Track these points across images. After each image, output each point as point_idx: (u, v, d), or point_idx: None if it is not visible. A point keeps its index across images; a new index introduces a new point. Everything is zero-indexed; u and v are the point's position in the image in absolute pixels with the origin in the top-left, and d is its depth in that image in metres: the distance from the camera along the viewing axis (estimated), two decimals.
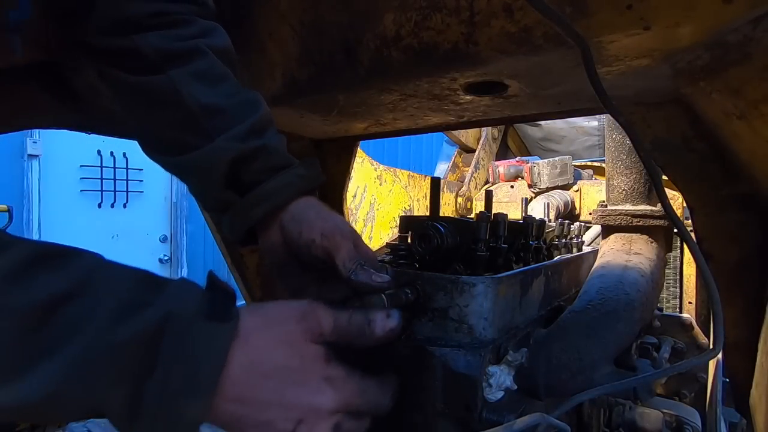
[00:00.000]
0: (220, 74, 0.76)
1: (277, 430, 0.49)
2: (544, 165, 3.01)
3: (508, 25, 0.71)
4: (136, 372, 0.42)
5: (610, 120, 1.51)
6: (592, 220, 1.55)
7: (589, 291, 1.08)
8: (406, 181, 2.94)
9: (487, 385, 0.68)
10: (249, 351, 0.47)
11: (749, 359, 0.96)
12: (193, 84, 0.72)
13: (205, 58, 0.75)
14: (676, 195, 1.87)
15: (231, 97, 0.74)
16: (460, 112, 1.17)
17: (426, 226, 0.80)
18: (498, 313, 0.76)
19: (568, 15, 0.65)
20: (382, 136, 1.43)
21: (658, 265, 1.33)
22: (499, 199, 3.07)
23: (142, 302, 0.43)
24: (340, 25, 0.87)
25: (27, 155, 4.48)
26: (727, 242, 1.02)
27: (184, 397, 0.43)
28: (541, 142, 4.12)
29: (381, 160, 2.82)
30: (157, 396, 0.42)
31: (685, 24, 0.65)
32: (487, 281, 0.73)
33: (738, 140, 0.87)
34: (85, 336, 0.40)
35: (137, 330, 0.41)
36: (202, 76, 0.74)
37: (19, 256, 0.40)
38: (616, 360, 0.93)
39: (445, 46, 0.78)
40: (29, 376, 0.38)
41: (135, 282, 0.45)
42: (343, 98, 1.04)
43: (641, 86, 0.90)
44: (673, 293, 2.38)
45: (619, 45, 0.72)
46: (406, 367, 0.72)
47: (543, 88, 0.94)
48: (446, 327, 0.73)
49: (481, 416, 0.67)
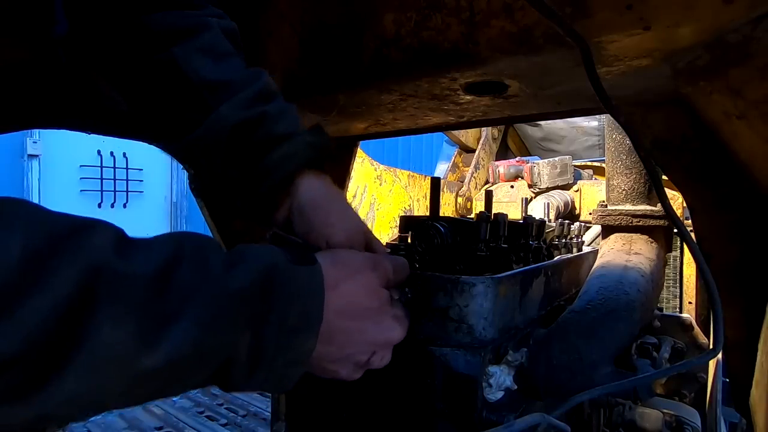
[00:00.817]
0: (226, 50, 0.74)
1: (354, 361, 0.57)
2: (544, 165, 3.01)
3: (508, 25, 0.71)
4: (255, 317, 0.45)
5: (610, 120, 1.51)
6: (592, 220, 1.55)
7: (589, 291, 1.08)
8: (406, 181, 2.94)
9: (487, 385, 0.68)
10: (339, 296, 0.53)
11: (749, 359, 0.96)
12: (196, 58, 0.70)
13: (212, 32, 0.73)
14: (676, 195, 1.87)
15: (236, 71, 0.72)
16: (460, 112, 1.17)
17: (426, 226, 0.80)
18: (498, 313, 0.76)
19: (568, 15, 0.65)
20: (382, 136, 1.43)
21: (658, 265, 1.33)
22: (499, 199, 3.07)
23: (239, 259, 0.46)
24: (340, 25, 0.87)
25: (27, 155, 4.49)
26: (727, 242, 1.02)
27: (298, 333, 0.48)
28: (541, 142, 4.12)
29: (381, 160, 2.82)
30: (275, 336, 0.46)
31: (685, 24, 0.65)
32: (487, 281, 0.73)
33: (738, 140, 0.87)
34: (205, 292, 0.42)
35: (252, 279, 0.45)
36: (207, 50, 0.72)
37: (114, 233, 0.42)
38: (616, 360, 0.93)
39: (445, 46, 0.78)
40: (170, 334, 0.40)
41: (219, 246, 0.47)
42: (343, 98, 1.04)
43: (641, 86, 0.90)
44: (673, 293, 2.38)
45: (619, 45, 0.72)
46: (406, 367, 0.72)
47: (543, 88, 0.94)
48: (446, 327, 0.73)
49: (481, 416, 0.68)
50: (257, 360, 0.46)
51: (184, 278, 0.42)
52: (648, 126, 1.03)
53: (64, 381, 0.36)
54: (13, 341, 0.33)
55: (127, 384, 0.39)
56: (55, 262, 0.36)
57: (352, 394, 0.79)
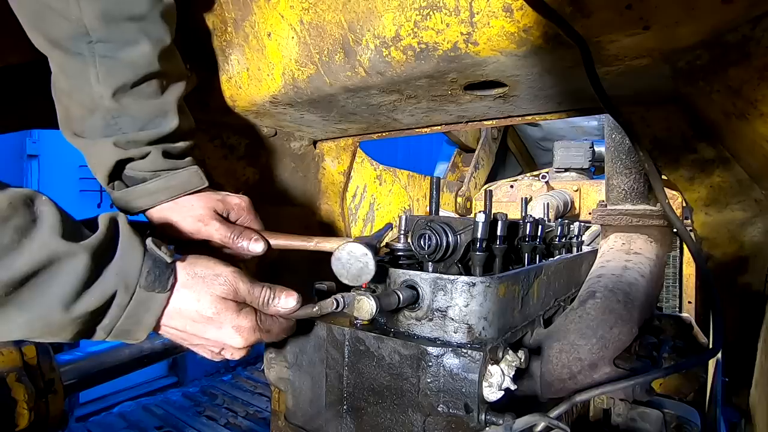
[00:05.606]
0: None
1: (208, 351, 0.76)
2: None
3: (508, 25, 0.70)
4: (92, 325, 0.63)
5: (610, 120, 1.51)
6: (591, 220, 1.55)
7: (588, 290, 1.08)
8: (406, 181, 2.94)
9: (487, 385, 0.68)
10: (177, 300, 0.68)
11: (749, 359, 0.96)
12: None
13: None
14: (676, 195, 1.87)
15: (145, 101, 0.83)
16: (460, 112, 1.17)
17: (426, 226, 0.80)
18: (498, 313, 0.76)
19: (568, 15, 0.65)
20: (382, 136, 1.43)
21: (658, 264, 1.33)
22: (498, 198, 3.07)
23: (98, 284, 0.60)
24: (340, 25, 0.87)
25: (27, 155, 4.49)
26: (727, 242, 1.02)
27: (128, 335, 0.66)
28: (541, 142, 4.12)
29: (381, 160, 2.82)
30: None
31: (684, 24, 0.65)
32: (487, 281, 0.73)
33: (738, 140, 0.87)
34: (47, 306, 0.56)
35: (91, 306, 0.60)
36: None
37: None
38: (616, 360, 0.93)
39: (445, 46, 0.78)
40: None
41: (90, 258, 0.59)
42: (343, 98, 1.04)
43: (641, 86, 0.90)
44: (673, 293, 2.38)
45: (619, 45, 0.72)
46: (406, 367, 0.72)
47: (543, 88, 0.94)
48: (446, 327, 0.73)
49: (480, 416, 0.67)
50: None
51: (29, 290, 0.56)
52: (648, 126, 1.03)
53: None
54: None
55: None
56: None
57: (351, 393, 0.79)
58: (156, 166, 0.84)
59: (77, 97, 0.79)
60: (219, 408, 4.36)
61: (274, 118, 1.21)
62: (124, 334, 0.65)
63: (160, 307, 0.66)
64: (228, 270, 0.72)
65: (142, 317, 0.65)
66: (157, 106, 0.84)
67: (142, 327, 0.66)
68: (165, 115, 0.85)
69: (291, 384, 0.88)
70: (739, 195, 0.99)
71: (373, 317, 0.71)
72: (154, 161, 0.84)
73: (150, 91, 0.82)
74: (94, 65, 0.77)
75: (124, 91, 0.79)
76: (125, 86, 0.79)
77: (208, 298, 0.69)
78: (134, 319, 0.65)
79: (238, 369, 5.37)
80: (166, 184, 0.85)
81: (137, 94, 0.81)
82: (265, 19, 0.98)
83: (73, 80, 0.78)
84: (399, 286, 0.76)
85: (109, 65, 0.78)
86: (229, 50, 1.05)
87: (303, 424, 0.86)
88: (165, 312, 0.67)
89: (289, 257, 1.42)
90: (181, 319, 0.69)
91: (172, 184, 0.85)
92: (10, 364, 1.91)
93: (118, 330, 0.64)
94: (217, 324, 0.70)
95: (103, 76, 0.77)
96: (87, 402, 4.22)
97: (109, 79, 0.78)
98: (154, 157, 0.84)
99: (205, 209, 0.87)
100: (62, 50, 0.76)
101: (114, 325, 0.64)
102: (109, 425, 4.02)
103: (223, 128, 1.23)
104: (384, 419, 0.75)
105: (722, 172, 0.99)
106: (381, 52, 0.85)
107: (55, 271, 0.57)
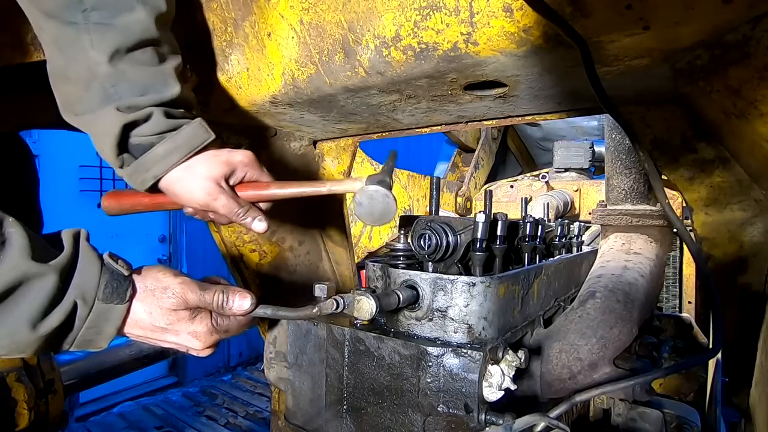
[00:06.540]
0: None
1: (179, 350, 0.79)
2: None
3: (508, 25, 0.70)
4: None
5: (610, 120, 1.51)
6: (591, 220, 1.55)
7: (588, 290, 1.08)
8: (406, 181, 2.94)
9: (487, 385, 0.68)
10: (133, 312, 0.72)
11: (749, 359, 0.96)
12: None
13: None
14: (676, 195, 1.87)
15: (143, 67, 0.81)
16: (460, 112, 1.17)
17: (426, 226, 0.80)
18: (498, 313, 0.76)
19: (567, 15, 0.65)
20: (382, 136, 1.43)
21: (658, 264, 1.33)
22: (498, 198, 3.07)
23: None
24: (340, 25, 0.87)
25: None
26: (727, 242, 1.02)
27: (91, 343, 0.69)
28: (541, 142, 4.12)
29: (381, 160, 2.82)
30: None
31: (684, 24, 0.65)
32: (487, 281, 0.73)
33: (738, 140, 0.87)
34: (15, 326, 0.59)
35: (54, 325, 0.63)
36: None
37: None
38: (616, 360, 0.93)
39: (445, 46, 0.78)
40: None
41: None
42: (343, 98, 1.04)
43: (641, 86, 0.90)
44: (673, 293, 2.38)
45: (619, 45, 0.72)
46: (406, 367, 0.72)
47: (543, 88, 0.94)
48: (446, 327, 0.73)
49: (480, 416, 0.67)
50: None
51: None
52: (648, 126, 1.03)
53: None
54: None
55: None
56: None
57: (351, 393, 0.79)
58: (159, 127, 0.82)
59: (73, 70, 0.78)
60: (219, 408, 4.36)
61: (274, 118, 1.21)
62: (86, 344, 0.69)
63: (120, 317, 0.70)
64: (176, 281, 0.75)
65: (103, 328, 0.69)
66: (156, 73, 0.82)
67: (103, 337, 0.70)
68: (165, 82, 0.83)
69: (291, 384, 0.89)
70: (739, 195, 0.99)
71: (373, 317, 0.71)
72: (157, 121, 0.82)
73: (147, 58, 0.81)
74: (87, 32, 0.76)
75: (120, 56, 0.78)
76: (120, 50, 0.78)
77: (159, 311, 0.73)
78: (95, 330, 0.68)
79: (238, 369, 5.37)
80: (173, 144, 0.83)
81: (134, 59, 0.80)
82: (265, 19, 0.98)
83: (68, 52, 0.77)
84: (399, 286, 0.76)
85: (103, 31, 0.77)
86: (229, 50, 1.05)
87: (303, 424, 0.87)
88: (126, 322, 0.71)
89: (288, 260, 1.42)
90: (140, 329, 0.74)
91: (179, 142, 0.83)
92: (10, 364, 1.91)
93: (80, 340, 0.67)
94: (174, 332, 0.75)
95: (97, 42, 0.77)
96: (87, 402, 4.22)
97: (103, 44, 0.77)
98: (157, 118, 0.82)
99: (212, 180, 0.86)
100: (57, 20, 0.75)
101: (75, 336, 0.67)
102: (109, 425, 4.02)
103: (223, 128, 1.23)
104: (384, 419, 0.75)
105: (722, 172, 0.99)
106: (381, 52, 0.85)
107: (25, 291, 0.59)
